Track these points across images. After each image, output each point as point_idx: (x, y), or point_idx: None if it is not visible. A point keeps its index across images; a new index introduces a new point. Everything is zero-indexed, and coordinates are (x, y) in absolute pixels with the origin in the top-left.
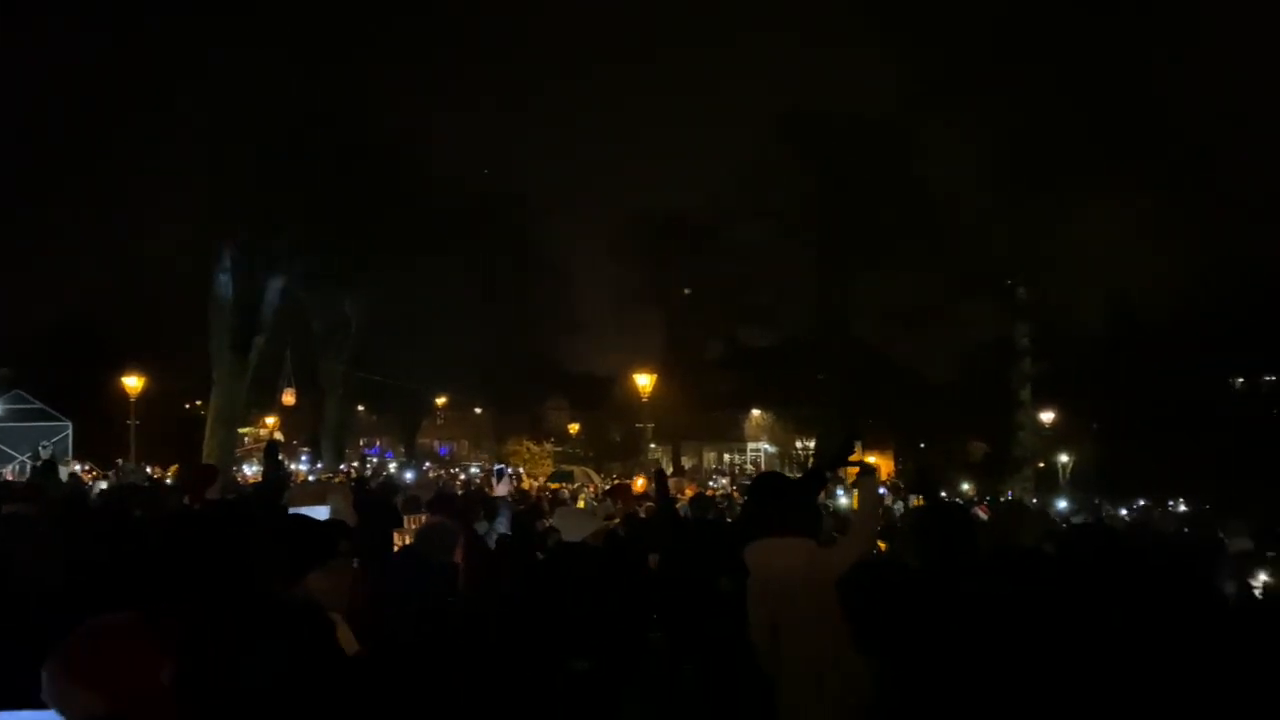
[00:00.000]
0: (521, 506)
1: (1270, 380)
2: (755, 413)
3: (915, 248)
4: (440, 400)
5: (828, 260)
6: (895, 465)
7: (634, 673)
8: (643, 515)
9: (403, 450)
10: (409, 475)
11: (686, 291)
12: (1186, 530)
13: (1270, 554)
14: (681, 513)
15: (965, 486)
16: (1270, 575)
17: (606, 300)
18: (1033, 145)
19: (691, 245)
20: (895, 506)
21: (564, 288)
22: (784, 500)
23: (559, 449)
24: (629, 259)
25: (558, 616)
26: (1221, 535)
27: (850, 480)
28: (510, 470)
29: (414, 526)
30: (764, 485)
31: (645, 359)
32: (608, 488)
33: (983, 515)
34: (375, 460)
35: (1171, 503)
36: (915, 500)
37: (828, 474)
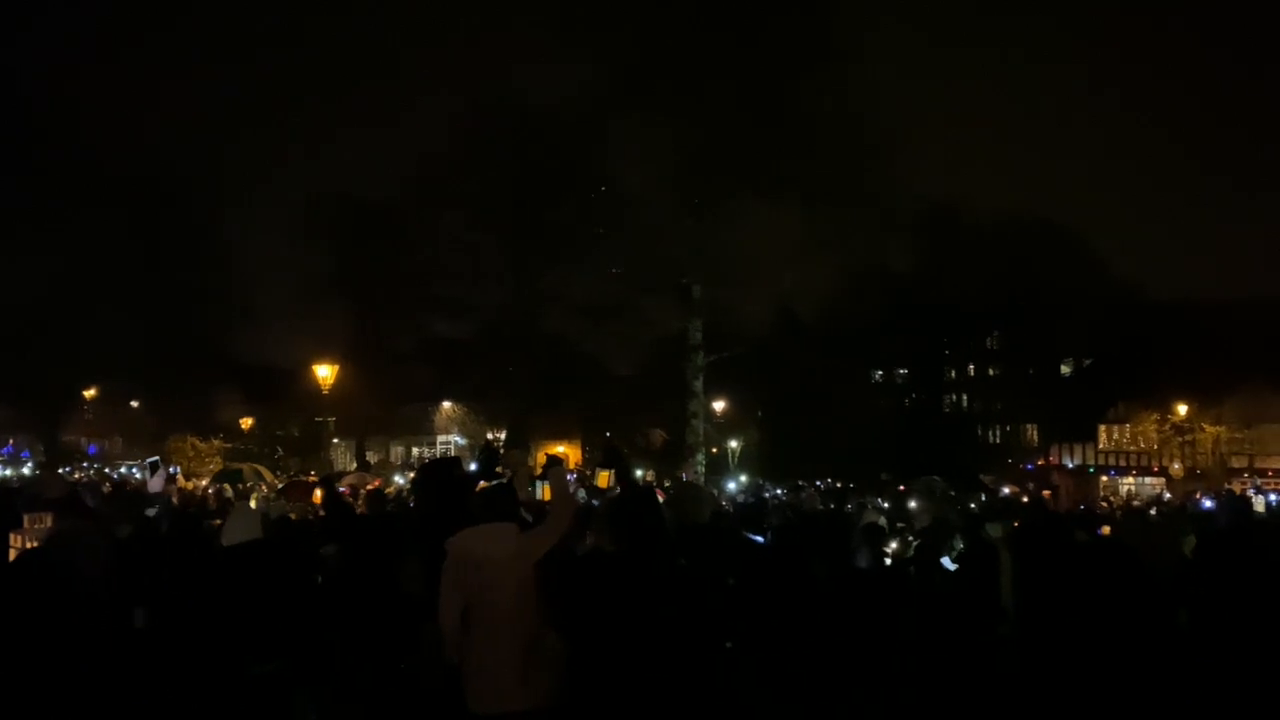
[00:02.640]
0: (191, 508)
1: (903, 374)
2: (446, 405)
3: (601, 244)
4: (89, 392)
5: (518, 252)
6: (582, 454)
7: (311, 675)
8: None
9: (41, 449)
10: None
11: (375, 280)
12: (831, 506)
13: (899, 525)
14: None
15: (639, 472)
16: (898, 545)
17: (289, 287)
18: (709, 154)
19: (380, 232)
20: (580, 494)
21: (236, 272)
22: (462, 489)
23: (229, 445)
24: (313, 244)
25: (227, 620)
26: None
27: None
28: (174, 468)
29: (37, 527)
30: (433, 474)
31: (329, 350)
32: (280, 486)
33: (659, 498)
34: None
35: (820, 482)
36: (602, 476)
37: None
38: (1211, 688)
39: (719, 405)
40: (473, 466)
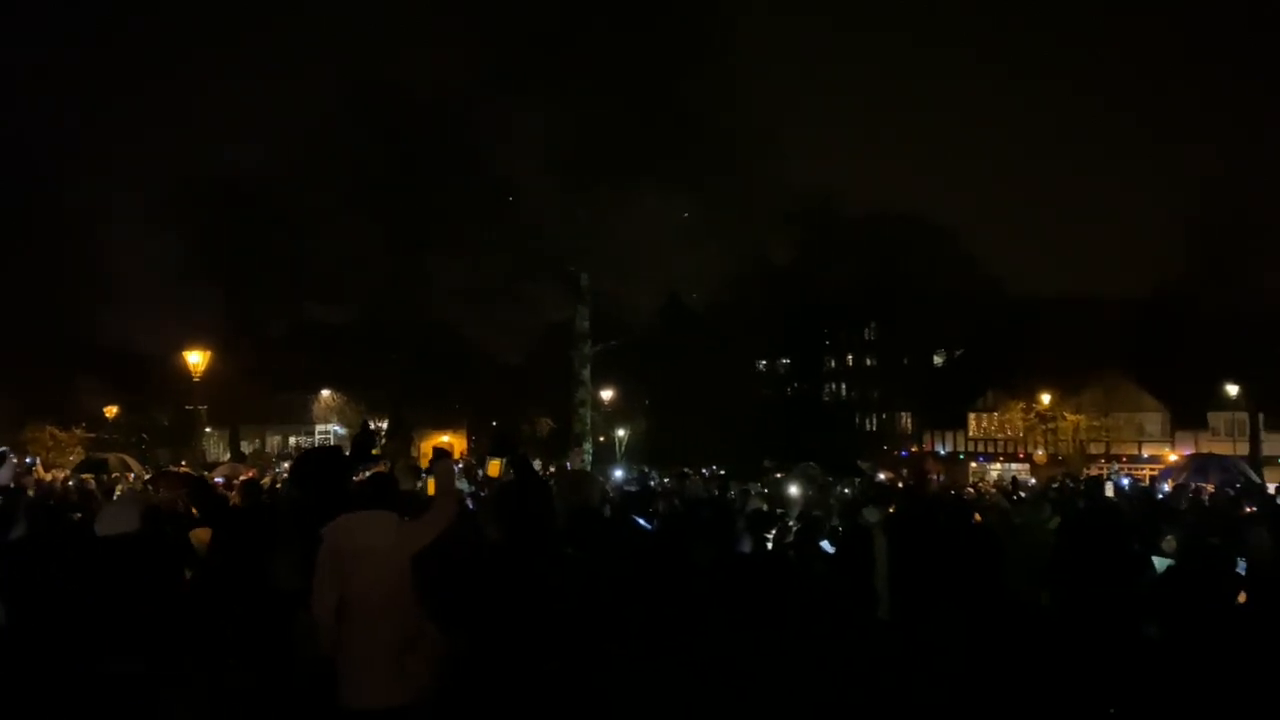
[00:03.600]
0: (52, 500)
1: (786, 363)
2: (325, 393)
3: (485, 229)
4: None
5: (397, 236)
6: (468, 443)
7: (178, 673)
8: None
9: None
10: None
11: (246, 263)
12: (716, 493)
13: (779, 511)
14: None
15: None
16: (778, 531)
17: (157, 271)
18: (595, 142)
19: (250, 213)
20: (462, 484)
21: (99, 253)
22: (339, 477)
23: (92, 435)
24: (182, 225)
25: (90, 616)
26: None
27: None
28: (32, 459)
29: None
30: (309, 463)
31: (201, 335)
32: (149, 477)
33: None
34: None
35: (705, 469)
36: (493, 464)
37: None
38: (1069, 658)
39: (607, 394)
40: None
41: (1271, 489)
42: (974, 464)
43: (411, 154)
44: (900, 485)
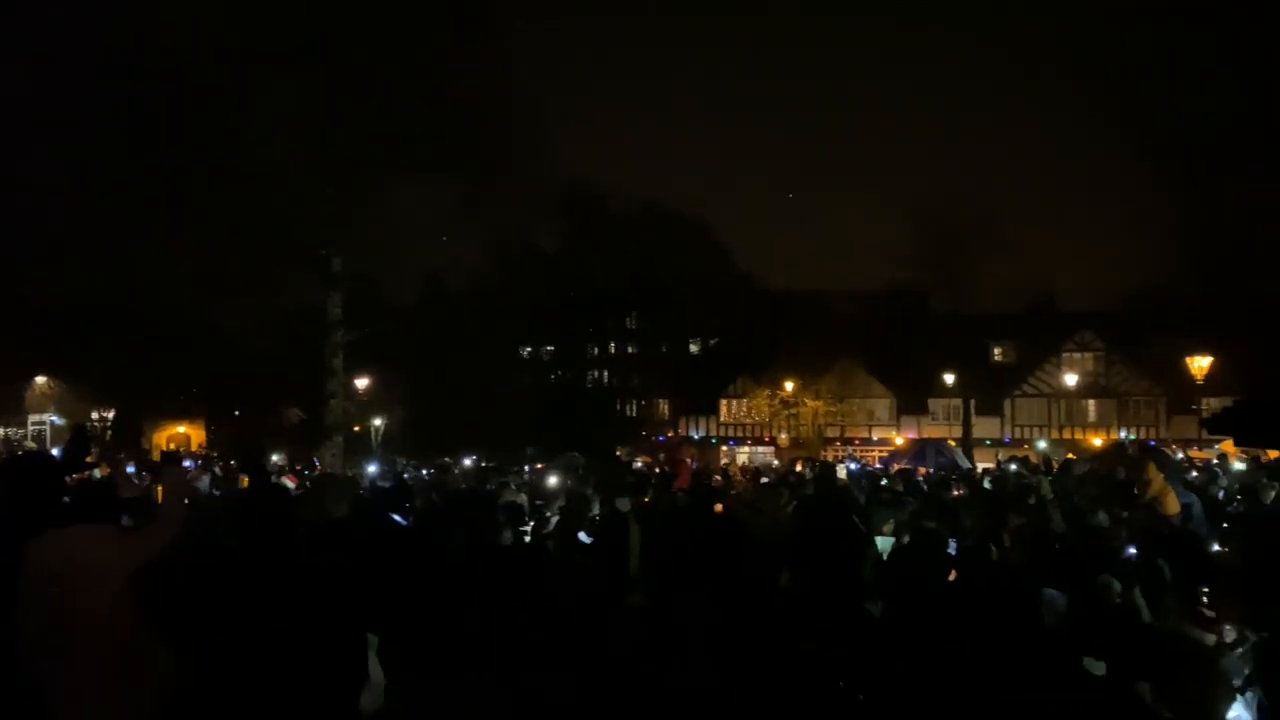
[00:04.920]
0: None
1: (549, 350)
2: (40, 380)
3: (231, 209)
4: None
5: (123, 210)
6: (207, 434)
7: None
8: None
9: None
10: None
11: None
12: (472, 485)
13: (538, 503)
14: None
15: (276, 458)
16: (536, 522)
17: None
18: (351, 123)
19: None
20: (202, 482)
21: None
22: (48, 485)
23: None
24: None
25: None
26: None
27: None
28: None
29: None
30: (12, 474)
31: None
32: None
33: (290, 484)
34: None
35: (467, 459)
36: (244, 480)
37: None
38: (806, 636)
39: (362, 383)
40: (56, 452)
41: (980, 469)
42: (724, 448)
43: (151, 124)
44: (658, 471)
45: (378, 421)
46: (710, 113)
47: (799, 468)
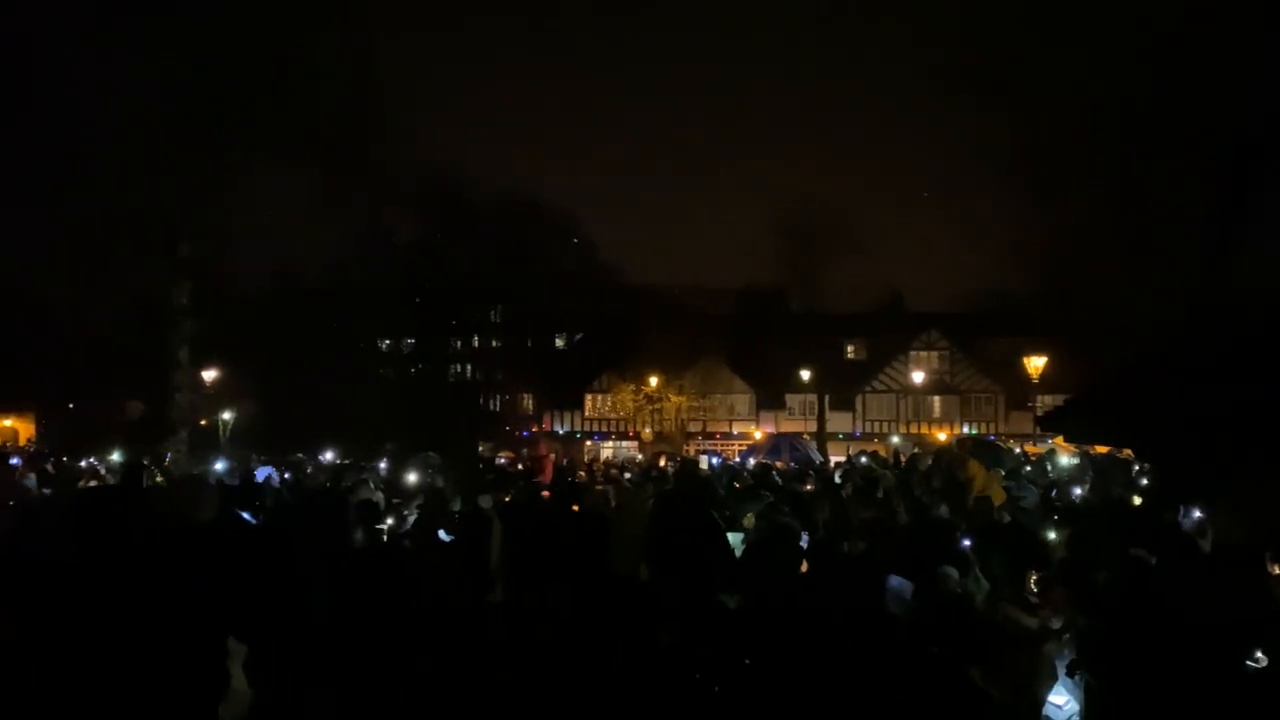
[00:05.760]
0: None
1: (411, 343)
2: None
3: (67, 188)
4: None
5: None
6: (37, 429)
7: None
8: None
9: None
10: None
11: None
12: (329, 483)
13: (395, 501)
14: None
15: (116, 456)
16: (395, 521)
17: None
18: (201, 104)
19: None
20: (29, 480)
21: None
22: None
23: None
24: None
25: None
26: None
27: None
28: None
29: None
30: None
31: None
32: None
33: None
34: None
35: (323, 455)
36: None
37: None
38: (663, 628)
39: (210, 375)
40: None
41: (834, 462)
42: (589, 443)
43: None
44: (521, 468)
45: (226, 415)
46: (576, 109)
47: (662, 463)
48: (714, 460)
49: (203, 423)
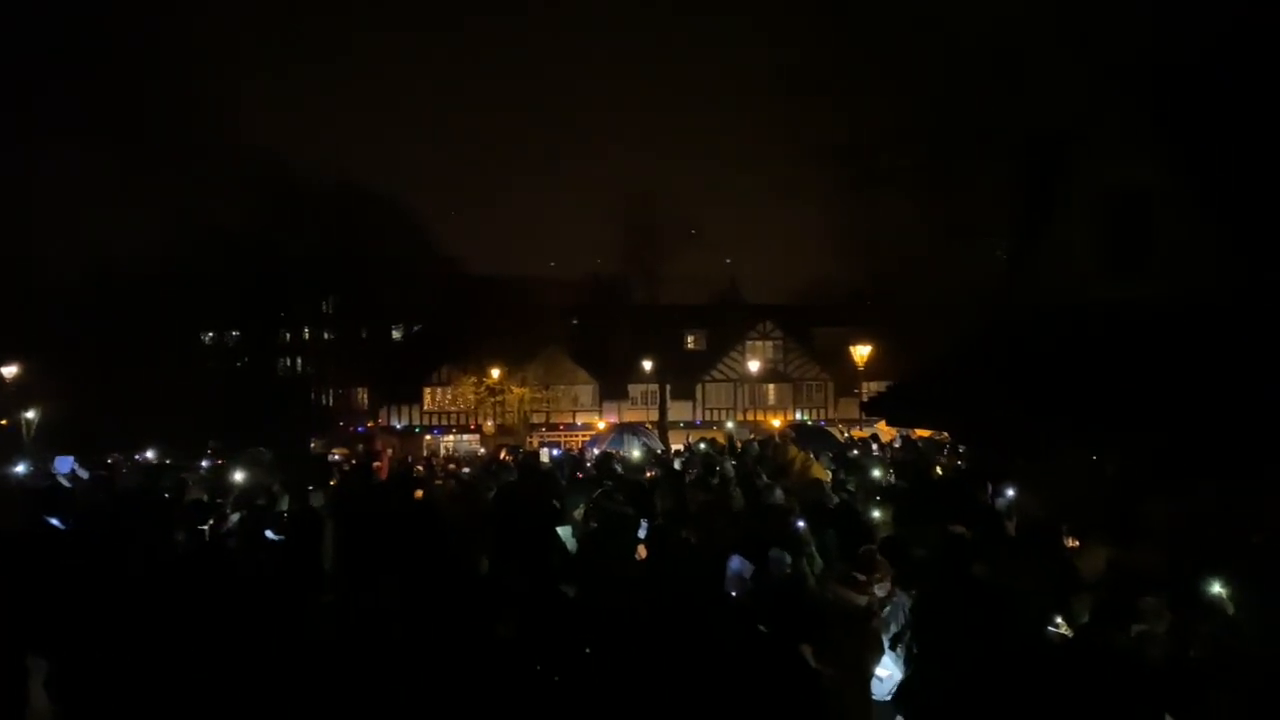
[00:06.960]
0: None
1: (235, 335)
2: None
3: None
4: None
5: None
6: None
7: None
8: None
9: None
10: None
11: None
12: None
13: (219, 500)
14: None
15: None
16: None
17: None
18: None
19: None
20: None
21: None
22: None
23: None
24: None
25: None
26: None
27: None
28: None
29: None
30: None
31: None
32: None
33: None
34: None
35: (140, 454)
36: None
37: None
38: (505, 622)
39: (10, 370)
40: None
41: (674, 449)
42: (429, 437)
43: None
44: (355, 463)
45: (30, 414)
46: (419, 99)
47: (503, 456)
48: (554, 452)
49: (2, 422)
